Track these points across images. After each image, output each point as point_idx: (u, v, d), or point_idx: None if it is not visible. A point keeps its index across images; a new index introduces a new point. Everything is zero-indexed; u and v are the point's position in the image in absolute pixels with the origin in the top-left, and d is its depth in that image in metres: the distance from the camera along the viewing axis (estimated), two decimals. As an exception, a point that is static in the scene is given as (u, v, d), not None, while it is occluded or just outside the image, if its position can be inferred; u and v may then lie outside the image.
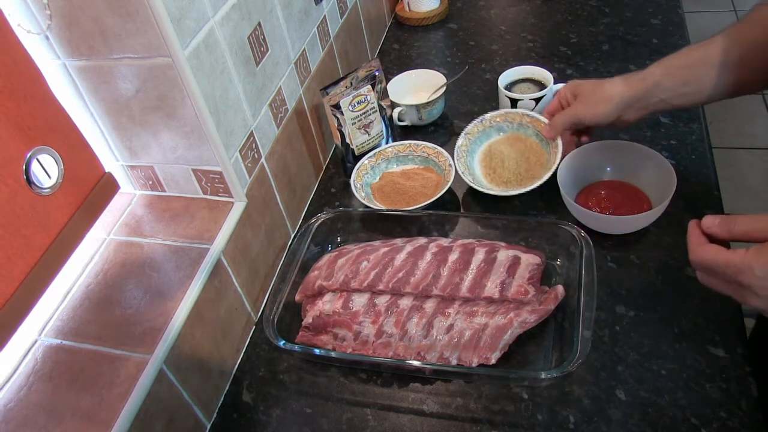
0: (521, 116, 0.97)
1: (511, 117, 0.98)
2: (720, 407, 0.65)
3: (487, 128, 0.99)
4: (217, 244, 0.75)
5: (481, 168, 0.97)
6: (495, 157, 0.96)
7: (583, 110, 0.84)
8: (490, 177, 0.95)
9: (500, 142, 0.98)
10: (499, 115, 0.98)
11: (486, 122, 0.98)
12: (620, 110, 0.81)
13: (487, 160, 0.97)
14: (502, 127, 0.99)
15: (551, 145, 0.92)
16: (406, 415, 0.71)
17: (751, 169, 2.17)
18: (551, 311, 0.73)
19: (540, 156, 0.94)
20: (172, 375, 0.66)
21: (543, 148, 0.94)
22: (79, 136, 0.68)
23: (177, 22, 0.63)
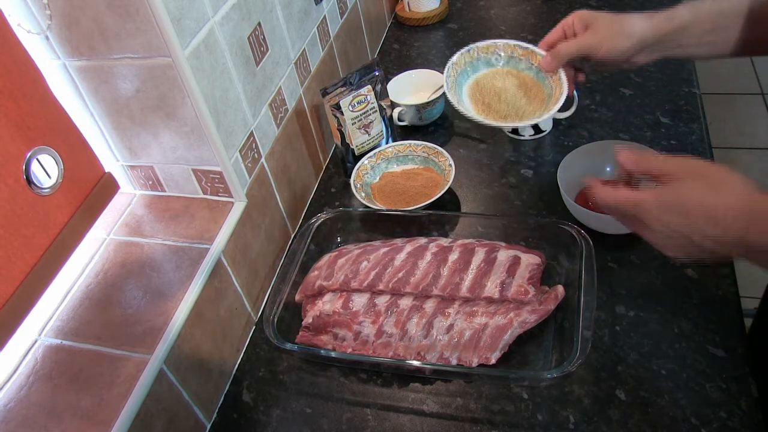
0: (513, 47, 0.87)
1: (501, 48, 0.88)
2: (720, 407, 0.65)
3: (474, 60, 0.89)
4: (217, 244, 0.75)
5: (473, 104, 0.87)
6: (487, 92, 0.87)
7: (598, 42, 0.75)
8: (485, 113, 0.86)
9: (490, 76, 0.88)
10: (488, 45, 0.88)
11: (474, 52, 0.88)
12: (638, 49, 0.74)
13: (477, 96, 0.87)
14: (490, 60, 0.89)
15: (551, 80, 0.83)
16: (406, 415, 0.71)
17: (751, 169, 2.17)
18: (551, 311, 0.73)
19: (538, 91, 0.85)
20: (172, 375, 0.66)
21: (540, 82, 0.85)
22: (79, 136, 0.68)
23: (177, 22, 0.63)
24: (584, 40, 0.76)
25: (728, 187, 0.55)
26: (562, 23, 0.80)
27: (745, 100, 2.44)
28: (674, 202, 0.56)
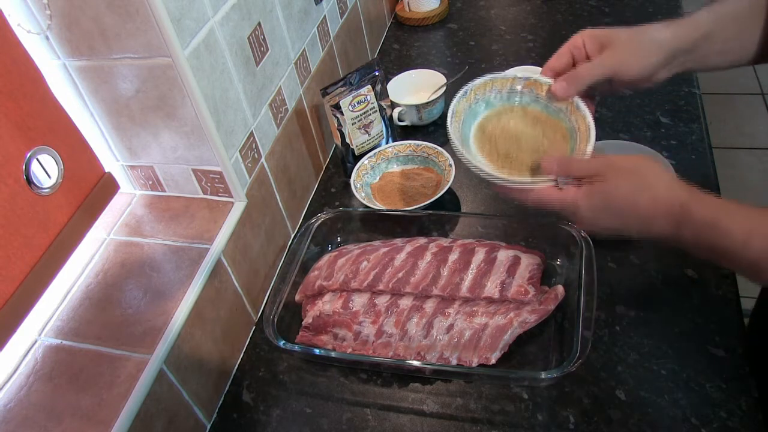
0: (512, 80, 0.72)
1: (499, 84, 0.73)
2: (720, 407, 0.65)
3: (472, 103, 0.73)
4: (217, 244, 0.75)
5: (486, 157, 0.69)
6: (501, 139, 0.70)
7: (625, 60, 0.64)
8: (508, 166, 0.68)
9: (494, 119, 0.72)
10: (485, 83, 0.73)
11: (470, 95, 0.72)
12: (665, 63, 0.66)
13: (489, 145, 0.70)
14: (489, 99, 0.73)
15: (566, 111, 0.68)
16: (406, 415, 0.71)
17: (751, 169, 2.17)
18: (551, 311, 0.73)
19: (557, 126, 0.70)
20: (172, 375, 0.66)
21: (554, 117, 0.70)
22: (79, 136, 0.68)
23: (177, 22, 0.63)
24: (607, 60, 0.65)
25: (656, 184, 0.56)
26: (568, 45, 0.68)
27: (745, 100, 2.44)
28: (607, 205, 0.58)
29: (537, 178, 0.64)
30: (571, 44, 0.68)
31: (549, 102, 0.70)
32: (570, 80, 0.66)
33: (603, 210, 0.58)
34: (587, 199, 0.59)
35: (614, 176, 0.58)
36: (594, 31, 0.67)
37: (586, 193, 0.59)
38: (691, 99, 1.03)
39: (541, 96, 0.70)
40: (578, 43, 0.67)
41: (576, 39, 0.68)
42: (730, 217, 0.53)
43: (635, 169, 0.58)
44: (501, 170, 0.67)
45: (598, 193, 0.58)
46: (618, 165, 0.59)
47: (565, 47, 0.68)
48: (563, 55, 0.68)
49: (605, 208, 0.58)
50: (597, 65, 0.65)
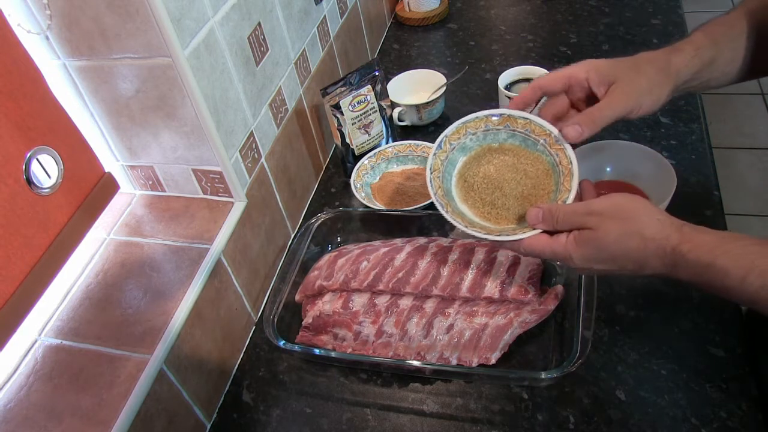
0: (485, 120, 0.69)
1: (473, 126, 0.70)
2: (720, 407, 0.65)
3: (449, 152, 0.70)
4: (217, 244, 0.75)
5: (472, 210, 0.68)
6: (482, 187, 0.68)
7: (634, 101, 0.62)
8: (495, 217, 0.67)
9: (473, 165, 0.70)
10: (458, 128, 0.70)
11: (446, 145, 0.69)
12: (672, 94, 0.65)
13: (473, 195, 0.68)
14: (465, 144, 0.70)
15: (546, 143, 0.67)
16: (406, 415, 0.71)
17: (751, 169, 2.17)
18: (551, 311, 0.73)
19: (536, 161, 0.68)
20: (172, 375, 0.66)
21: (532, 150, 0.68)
22: (79, 136, 0.68)
23: (177, 22, 0.63)
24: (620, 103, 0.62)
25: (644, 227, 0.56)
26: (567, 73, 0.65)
27: (745, 100, 2.44)
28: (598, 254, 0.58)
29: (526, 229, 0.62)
30: (570, 74, 0.65)
31: (526, 135, 0.68)
32: (585, 124, 0.63)
33: (595, 257, 0.58)
34: (578, 249, 0.58)
35: (601, 223, 0.57)
36: (598, 66, 0.64)
37: (576, 242, 0.58)
38: (691, 99, 1.03)
39: (518, 129, 0.68)
40: (580, 77, 0.64)
41: (578, 72, 0.65)
42: (726, 256, 0.52)
43: (622, 213, 0.57)
44: (488, 220, 0.67)
45: (588, 241, 0.58)
46: (604, 211, 0.58)
47: (563, 73, 0.65)
48: (558, 80, 0.66)
49: (597, 255, 0.58)
50: (611, 107, 0.62)
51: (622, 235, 0.56)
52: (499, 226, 0.66)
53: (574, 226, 0.59)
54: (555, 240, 0.60)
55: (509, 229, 0.65)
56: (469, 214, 0.67)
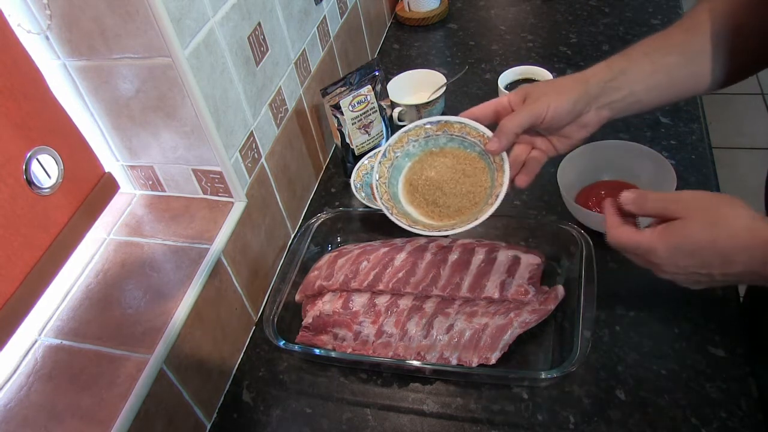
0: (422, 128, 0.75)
1: (414, 134, 0.76)
2: (720, 407, 0.65)
3: (394, 160, 0.76)
4: (217, 244, 0.75)
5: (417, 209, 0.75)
6: (425, 189, 0.74)
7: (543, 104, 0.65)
8: (437, 214, 0.74)
9: (417, 169, 0.76)
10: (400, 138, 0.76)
11: (390, 153, 0.76)
12: (585, 102, 0.66)
13: (417, 197, 0.75)
14: (408, 151, 0.76)
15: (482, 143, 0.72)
16: (406, 415, 0.71)
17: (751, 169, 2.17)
18: (551, 311, 0.73)
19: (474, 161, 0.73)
20: (172, 375, 0.66)
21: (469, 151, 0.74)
22: (79, 136, 0.68)
23: (177, 22, 0.63)
24: (527, 107, 0.67)
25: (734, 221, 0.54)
26: (494, 102, 0.70)
27: (745, 100, 2.44)
28: (683, 244, 0.55)
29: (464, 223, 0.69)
30: (496, 102, 0.70)
31: (463, 138, 0.73)
32: (498, 135, 0.68)
33: (680, 247, 0.55)
34: (663, 239, 0.56)
35: (689, 212, 0.56)
36: (518, 89, 0.70)
37: (661, 232, 0.57)
38: (691, 99, 1.03)
39: (455, 133, 0.74)
40: (503, 101, 0.70)
41: (502, 98, 0.70)
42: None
43: (710, 203, 0.56)
44: (432, 218, 0.73)
45: (675, 231, 0.56)
46: (691, 199, 0.57)
47: (491, 102, 0.70)
48: (487, 107, 0.70)
49: (682, 245, 0.55)
50: (518, 113, 0.67)
51: (711, 224, 0.54)
52: (441, 222, 0.73)
53: (660, 210, 0.58)
54: (640, 233, 0.59)
55: (449, 225, 0.71)
56: (415, 214, 0.74)
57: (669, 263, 0.57)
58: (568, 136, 0.70)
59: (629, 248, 0.60)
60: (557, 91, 0.66)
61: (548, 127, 0.68)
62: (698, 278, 0.57)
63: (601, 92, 0.67)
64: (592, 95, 0.67)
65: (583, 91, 0.66)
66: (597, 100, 0.67)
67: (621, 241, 0.60)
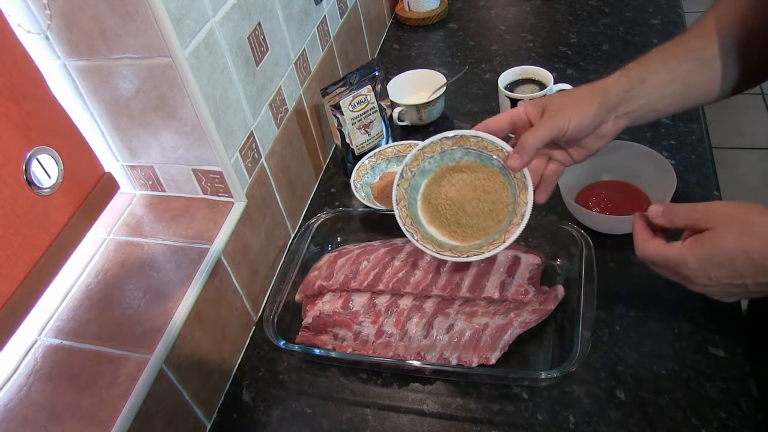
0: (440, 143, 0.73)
1: (429, 150, 0.73)
2: (720, 407, 0.65)
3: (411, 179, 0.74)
4: (217, 244, 0.75)
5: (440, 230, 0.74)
6: (446, 209, 0.73)
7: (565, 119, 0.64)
8: (461, 235, 0.72)
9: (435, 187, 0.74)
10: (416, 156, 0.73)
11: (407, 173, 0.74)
12: (605, 112, 0.66)
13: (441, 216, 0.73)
14: (424, 168, 0.74)
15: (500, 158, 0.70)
16: (406, 415, 0.71)
17: (751, 169, 2.17)
18: (551, 311, 0.73)
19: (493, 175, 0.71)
20: (172, 375, 0.66)
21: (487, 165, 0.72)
22: (79, 136, 0.68)
23: (177, 22, 0.63)
24: (546, 121, 0.66)
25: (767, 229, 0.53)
26: (510, 113, 0.69)
27: (745, 100, 2.44)
28: (714, 254, 0.54)
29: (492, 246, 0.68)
30: (512, 113, 0.69)
31: (480, 152, 0.71)
32: (519, 151, 0.66)
33: (711, 258, 0.54)
34: (693, 250, 0.55)
35: (719, 222, 0.55)
36: (534, 101, 0.70)
37: (691, 244, 0.55)
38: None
39: (472, 147, 0.72)
40: (520, 113, 0.68)
41: (518, 109, 0.69)
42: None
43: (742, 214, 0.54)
44: (456, 239, 0.72)
45: (705, 242, 0.54)
46: (721, 210, 0.56)
47: (506, 114, 0.69)
48: (502, 119, 0.69)
49: (713, 255, 0.54)
50: (538, 128, 0.65)
51: (743, 233, 0.53)
52: (466, 243, 0.71)
53: (690, 222, 0.57)
54: (669, 245, 0.58)
55: (476, 246, 0.70)
56: (437, 235, 0.73)
57: (700, 275, 0.56)
58: (587, 146, 0.69)
59: (659, 261, 0.59)
60: (577, 104, 0.65)
61: (568, 141, 0.68)
62: (731, 290, 0.56)
63: (620, 102, 0.67)
64: (611, 106, 0.66)
65: (603, 102, 0.65)
66: (615, 110, 0.67)
67: (649, 255, 0.59)
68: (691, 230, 0.57)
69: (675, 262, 0.57)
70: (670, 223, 0.59)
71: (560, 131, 0.65)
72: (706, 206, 0.57)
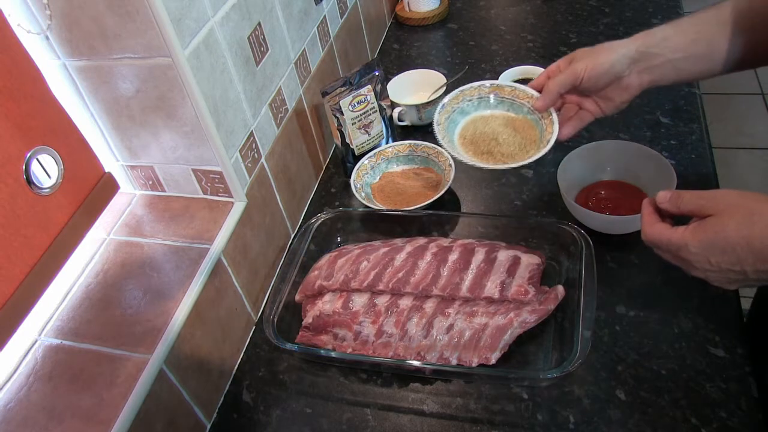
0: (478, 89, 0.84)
1: (468, 93, 0.84)
2: (720, 407, 0.65)
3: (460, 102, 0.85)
4: (217, 244, 0.75)
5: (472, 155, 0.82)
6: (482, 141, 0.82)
7: (582, 65, 0.72)
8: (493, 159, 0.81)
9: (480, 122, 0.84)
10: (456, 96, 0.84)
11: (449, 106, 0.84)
12: (626, 65, 0.71)
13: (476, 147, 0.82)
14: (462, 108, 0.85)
15: (544, 120, 0.79)
16: (406, 415, 0.71)
17: (751, 169, 2.17)
18: (551, 311, 0.73)
19: (524, 121, 0.81)
20: (172, 375, 0.66)
21: (518, 113, 0.82)
22: (79, 136, 0.68)
23: (177, 22, 0.63)
24: (570, 68, 0.74)
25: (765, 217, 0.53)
26: (546, 71, 0.78)
27: (745, 100, 2.44)
28: (716, 240, 0.55)
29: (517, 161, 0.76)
30: (549, 68, 0.78)
31: (512, 101, 0.82)
32: (543, 94, 0.76)
33: (712, 243, 0.55)
34: (695, 235, 0.56)
35: (724, 209, 0.55)
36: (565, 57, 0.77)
37: (695, 228, 0.56)
38: (691, 99, 1.03)
39: (506, 96, 0.83)
40: (554, 65, 0.78)
41: (554, 63, 0.78)
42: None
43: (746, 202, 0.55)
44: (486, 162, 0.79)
45: (708, 227, 0.55)
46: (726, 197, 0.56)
47: (544, 71, 0.79)
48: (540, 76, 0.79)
49: (715, 240, 0.55)
50: (561, 74, 0.74)
51: (746, 220, 0.53)
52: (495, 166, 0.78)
53: (696, 207, 0.58)
54: (673, 229, 0.59)
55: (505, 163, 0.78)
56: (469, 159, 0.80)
57: (701, 259, 0.57)
58: (611, 98, 0.75)
59: (662, 244, 0.60)
60: (597, 54, 0.72)
61: (587, 88, 0.74)
62: (731, 276, 0.56)
63: (641, 57, 0.71)
64: (633, 59, 0.71)
65: (623, 54, 0.71)
66: (637, 63, 0.72)
67: (653, 238, 0.60)
68: (697, 216, 0.58)
69: (677, 245, 0.58)
70: (677, 208, 0.60)
71: (577, 77, 0.73)
72: (712, 193, 0.58)
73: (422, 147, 1.00)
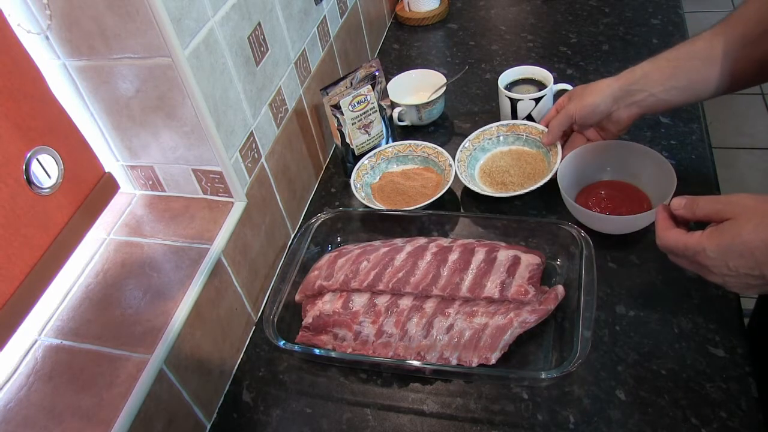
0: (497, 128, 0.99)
1: (488, 133, 0.99)
2: (720, 407, 0.65)
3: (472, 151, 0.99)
4: (217, 244, 0.75)
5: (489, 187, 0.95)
6: (497, 174, 0.95)
7: (573, 107, 0.84)
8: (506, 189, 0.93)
9: (490, 162, 0.98)
10: (477, 135, 0.99)
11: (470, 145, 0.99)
12: (610, 103, 0.81)
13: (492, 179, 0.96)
14: (483, 146, 1.00)
15: (551, 153, 0.92)
16: (406, 415, 0.71)
17: (751, 169, 2.17)
18: (551, 311, 0.73)
19: (535, 154, 0.96)
20: (172, 375, 0.66)
21: (531, 148, 0.98)
22: (79, 136, 0.68)
23: (177, 22, 0.63)
24: (564, 110, 0.86)
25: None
26: (556, 104, 0.92)
27: (745, 100, 2.44)
28: (734, 244, 0.54)
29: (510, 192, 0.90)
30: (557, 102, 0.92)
31: (526, 137, 0.98)
32: (548, 132, 0.91)
33: (730, 247, 0.54)
34: (712, 239, 0.56)
35: (741, 212, 0.55)
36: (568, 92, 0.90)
37: (712, 232, 0.56)
38: (691, 99, 1.03)
39: (521, 133, 0.99)
40: (560, 101, 0.91)
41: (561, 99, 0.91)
42: None
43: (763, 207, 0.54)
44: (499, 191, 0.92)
45: (724, 230, 0.55)
46: (742, 201, 0.56)
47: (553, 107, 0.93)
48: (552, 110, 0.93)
49: (732, 244, 0.54)
50: (558, 116, 0.88)
51: (763, 225, 0.53)
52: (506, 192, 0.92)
53: (712, 213, 0.57)
54: (689, 234, 0.58)
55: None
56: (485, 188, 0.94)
57: (719, 264, 0.56)
58: (606, 129, 0.86)
59: (678, 250, 0.59)
60: (585, 96, 0.83)
61: (582, 124, 0.87)
62: (750, 281, 0.56)
63: (624, 94, 0.80)
64: (617, 97, 0.80)
65: (607, 94, 0.81)
66: (622, 100, 0.80)
67: (669, 243, 0.60)
68: (713, 221, 0.58)
69: (694, 250, 0.57)
70: (692, 214, 0.60)
71: (570, 118, 0.86)
72: (728, 198, 0.58)
73: (422, 147, 1.00)
